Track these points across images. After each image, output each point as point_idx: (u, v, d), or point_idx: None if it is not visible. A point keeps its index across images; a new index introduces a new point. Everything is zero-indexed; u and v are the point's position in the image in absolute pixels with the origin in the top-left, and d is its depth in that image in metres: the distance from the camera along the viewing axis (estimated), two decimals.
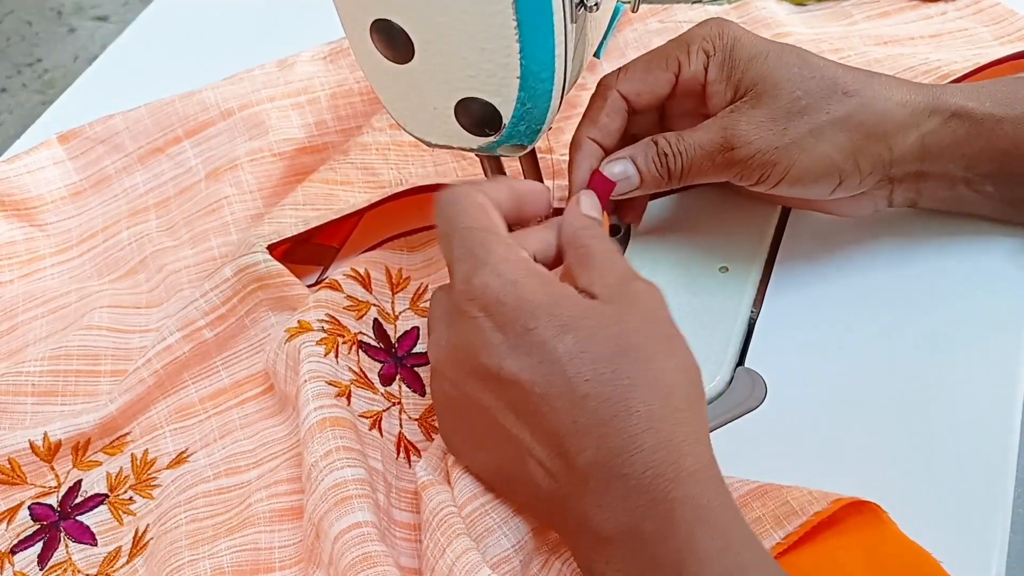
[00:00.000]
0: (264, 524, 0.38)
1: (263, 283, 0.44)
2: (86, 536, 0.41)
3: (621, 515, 0.28)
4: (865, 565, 0.32)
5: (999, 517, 0.33)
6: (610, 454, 0.28)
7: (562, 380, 0.29)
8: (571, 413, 0.29)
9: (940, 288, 0.40)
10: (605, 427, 0.28)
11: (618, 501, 0.28)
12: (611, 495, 0.28)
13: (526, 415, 0.30)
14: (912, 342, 0.39)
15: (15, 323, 0.49)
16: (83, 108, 0.58)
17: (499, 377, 0.30)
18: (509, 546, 0.34)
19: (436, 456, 0.37)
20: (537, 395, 0.29)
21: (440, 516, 0.34)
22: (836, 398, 0.38)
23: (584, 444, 0.29)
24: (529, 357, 0.30)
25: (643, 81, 0.39)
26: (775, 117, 0.37)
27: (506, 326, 0.30)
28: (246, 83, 0.56)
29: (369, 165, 0.50)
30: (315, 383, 0.38)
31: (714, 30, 0.39)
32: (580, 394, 0.29)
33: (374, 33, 0.35)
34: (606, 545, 0.28)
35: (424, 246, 0.47)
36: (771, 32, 0.51)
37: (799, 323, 0.41)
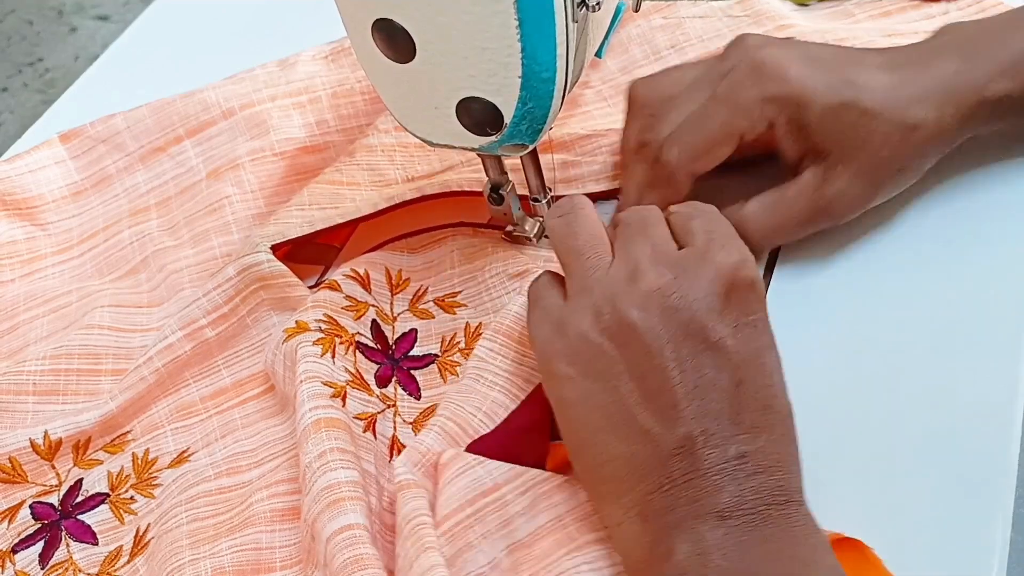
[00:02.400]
0: (265, 524, 0.38)
1: (265, 283, 0.44)
2: (87, 535, 0.41)
3: (754, 500, 0.30)
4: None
5: (999, 517, 0.33)
6: (770, 458, 0.31)
7: (759, 384, 0.32)
8: (753, 412, 0.31)
9: (941, 288, 0.40)
10: (773, 437, 0.31)
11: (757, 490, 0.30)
12: (750, 484, 0.30)
13: (708, 388, 0.31)
14: (913, 341, 0.39)
15: (16, 322, 0.49)
16: (84, 108, 0.58)
17: (714, 345, 0.31)
18: (484, 562, 0.34)
19: (418, 452, 0.36)
20: (736, 380, 0.31)
21: (412, 525, 0.33)
22: (836, 397, 0.38)
23: (750, 440, 0.31)
24: (746, 344, 0.32)
25: (706, 159, 0.40)
26: (863, 174, 0.39)
27: (741, 309, 0.32)
28: (247, 83, 0.56)
29: (375, 166, 0.50)
30: (311, 383, 0.38)
31: (771, 87, 0.38)
32: (766, 403, 0.31)
33: (375, 32, 0.35)
34: (725, 514, 0.30)
35: (424, 248, 0.47)
36: (774, 25, 0.51)
37: (799, 323, 0.41)
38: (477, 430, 0.37)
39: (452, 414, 0.37)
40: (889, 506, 0.34)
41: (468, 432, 0.37)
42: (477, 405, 0.37)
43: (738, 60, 0.39)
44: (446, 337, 0.44)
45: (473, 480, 0.35)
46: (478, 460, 0.36)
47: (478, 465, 0.35)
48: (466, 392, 0.38)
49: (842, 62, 0.39)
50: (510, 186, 0.43)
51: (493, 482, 0.35)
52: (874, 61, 0.40)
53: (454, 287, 0.45)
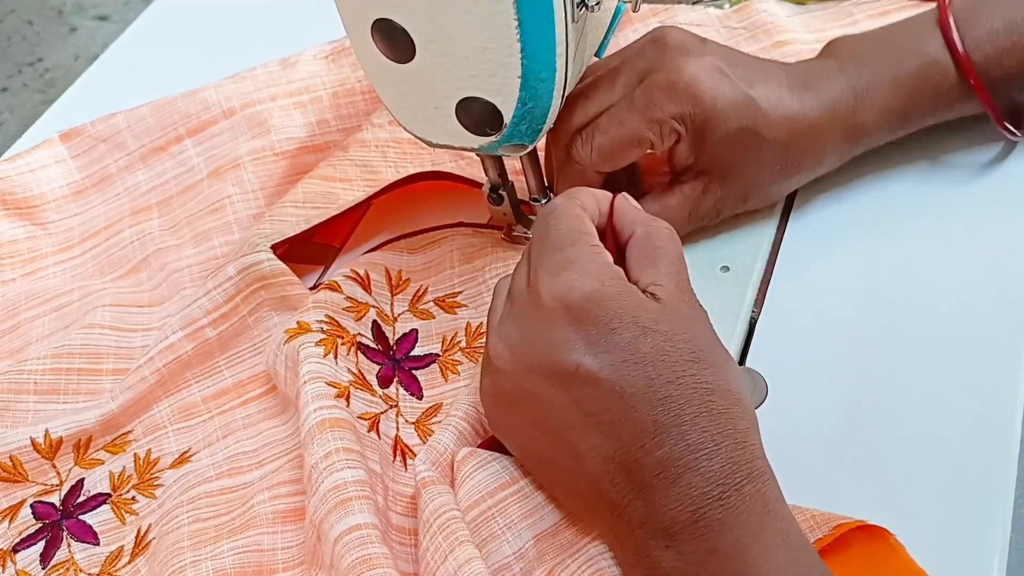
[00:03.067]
0: (267, 525, 0.38)
1: (266, 282, 0.44)
2: (88, 535, 0.41)
3: (688, 505, 0.29)
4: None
5: (999, 517, 0.33)
6: (687, 451, 0.29)
7: (644, 381, 0.30)
8: (652, 412, 0.30)
9: (941, 288, 0.40)
10: (685, 426, 0.30)
11: (687, 492, 0.29)
12: (681, 487, 0.29)
13: (597, 413, 0.31)
14: (913, 342, 0.39)
15: (17, 321, 0.49)
16: (84, 108, 0.58)
17: (574, 374, 0.31)
18: (510, 553, 0.34)
19: (436, 451, 0.37)
20: (616, 393, 0.30)
21: (443, 519, 0.34)
22: (837, 397, 0.38)
23: (662, 441, 0.30)
24: (610, 355, 0.31)
25: (614, 160, 0.41)
26: (741, 195, 0.43)
27: (588, 324, 0.31)
28: (248, 82, 0.56)
29: (368, 162, 0.50)
30: (315, 384, 0.38)
31: (684, 107, 0.39)
32: (660, 395, 0.30)
33: (375, 33, 0.35)
34: (668, 535, 0.29)
35: (424, 248, 0.47)
36: (771, 39, 0.51)
37: (800, 323, 0.41)
38: (489, 430, 0.37)
39: (464, 414, 0.38)
40: (889, 506, 0.34)
41: (480, 433, 0.38)
42: None
43: (656, 65, 0.40)
44: (447, 337, 0.44)
45: (491, 474, 0.35)
46: (494, 456, 0.36)
47: (494, 460, 0.36)
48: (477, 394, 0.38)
49: (749, 79, 0.41)
50: (510, 186, 0.43)
51: (511, 475, 0.35)
52: (777, 80, 0.41)
53: (454, 287, 0.45)
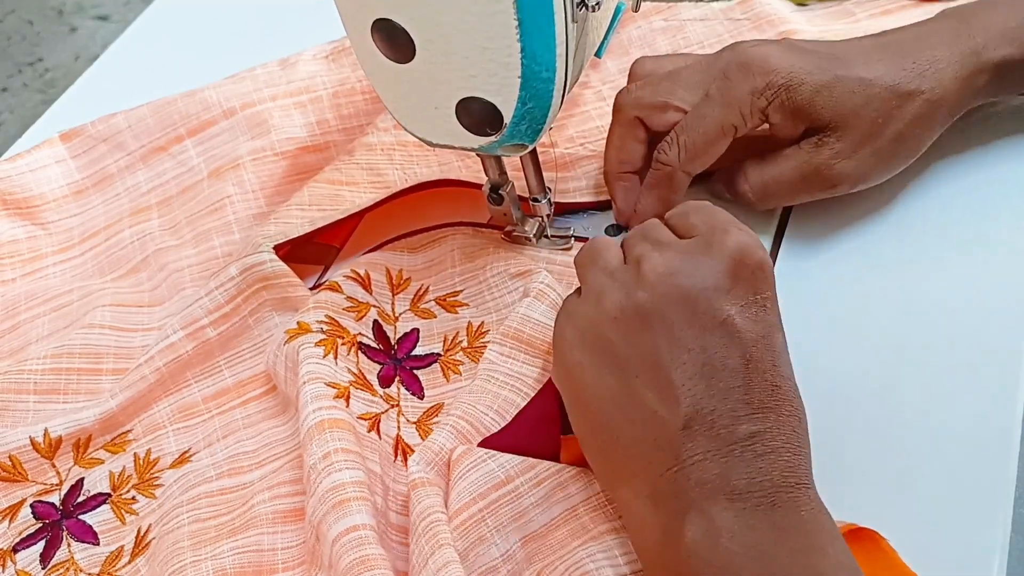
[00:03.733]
0: (267, 525, 0.38)
1: (268, 283, 0.44)
2: (88, 535, 0.41)
3: (765, 481, 0.30)
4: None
5: (999, 517, 0.33)
6: (779, 438, 0.31)
7: (768, 363, 0.32)
8: (761, 393, 0.31)
9: (941, 287, 0.40)
10: (783, 419, 0.31)
11: (768, 470, 0.30)
12: (763, 463, 0.30)
13: (717, 367, 0.31)
14: (912, 342, 0.39)
15: (17, 321, 0.49)
16: (84, 108, 0.58)
17: (720, 323, 0.31)
18: (497, 555, 0.34)
19: (431, 451, 0.37)
20: (743, 359, 0.31)
21: (427, 521, 0.34)
22: (837, 398, 0.38)
23: (760, 419, 0.31)
24: (756, 325, 0.32)
25: (704, 157, 0.41)
26: (861, 143, 0.40)
27: (751, 289, 0.32)
28: (248, 82, 0.56)
29: (374, 165, 0.50)
30: (314, 384, 0.38)
31: (759, 81, 0.39)
32: (774, 383, 0.31)
33: (375, 33, 0.35)
34: (734, 497, 0.30)
35: (425, 247, 0.47)
36: (776, 30, 0.51)
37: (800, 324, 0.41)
38: (489, 428, 0.37)
39: (464, 413, 0.38)
40: (889, 507, 0.34)
41: (480, 431, 0.37)
42: (488, 404, 0.38)
43: (729, 60, 0.41)
44: (448, 336, 0.44)
45: (485, 474, 0.35)
46: (489, 454, 0.36)
47: (490, 459, 0.36)
48: (477, 392, 0.38)
49: (830, 47, 0.40)
50: (510, 186, 0.43)
51: (505, 475, 0.35)
52: (864, 44, 0.41)
53: (455, 286, 0.45)
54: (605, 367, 0.33)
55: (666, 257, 0.33)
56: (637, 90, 0.43)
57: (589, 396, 0.34)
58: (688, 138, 0.41)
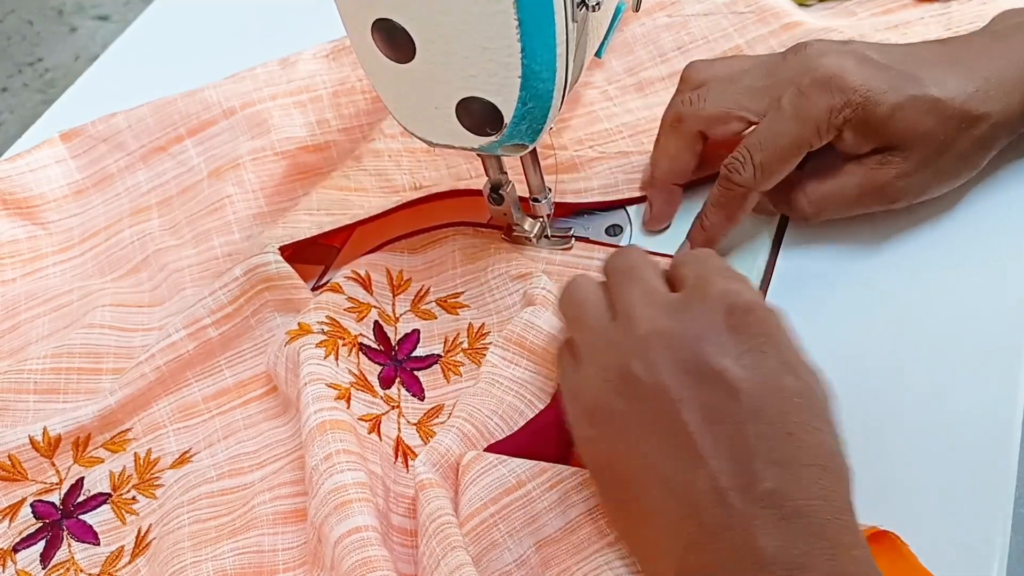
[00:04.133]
0: (267, 526, 0.38)
1: (271, 284, 0.44)
2: (89, 535, 0.41)
3: (795, 549, 0.27)
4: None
5: (999, 517, 0.33)
6: (799, 492, 0.28)
7: (776, 411, 0.29)
8: (772, 442, 0.29)
9: (941, 289, 0.40)
10: (802, 470, 0.29)
11: (795, 536, 0.28)
12: (786, 527, 0.28)
13: (721, 423, 0.29)
14: (912, 343, 0.39)
15: (17, 321, 0.49)
16: (84, 108, 0.58)
17: (717, 376, 0.30)
18: (511, 560, 0.34)
19: (437, 452, 0.37)
20: (748, 410, 0.29)
21: (438, 523, 0.34)
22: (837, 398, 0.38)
23: (775, 475, 0.28)
24: (756, 372, 0.30)
25: (779, 174, 0.40)
26: (926, 163, 0.39)
27: (745, 335, 0.31)
28: (248, 81, 0.56)
29: (382, 171, 0.50)
30: (315, 385, 0.38)
31: (837, 99, 0.38)
32: (784, 431, 0.29)
33: (375, 32, 0.35)
34: (767, 571, 0.27)
35: (425, 248, 0.47)
36: (780, 22, 0.51)
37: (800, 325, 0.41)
38: (493, 433, 0.37)
39: (469, 416, 0.38)
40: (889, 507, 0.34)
41: (484, 435, 0.37)
42: (493, 408, 0.38)
43: (800, 70, 0.39)
44: (448, 337, 0.44)
45: (496, 479, 0.35)
46: (500, 459, 0.36)
47: (500, 464, 0.35)
48: (481, 395, 0.38)
49: (902, 59, 0.39)
50: (510, 186, 0.43)
51: (517, 479, 0.35)
52: (934, 55, 0.40)
53: (456, 287, 0.45)
54: (618, 440, 0.32)
55: (654, 316, 0.32)
56: (699, 100, 0.41)
57: (607, 473, 0.33)
58: (763, 157, 0.39)
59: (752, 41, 0.51)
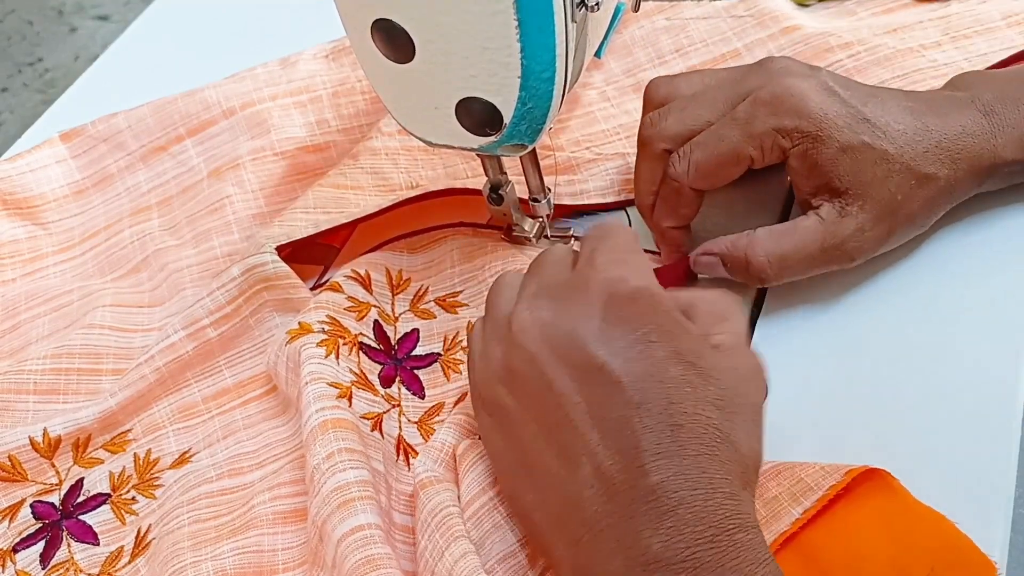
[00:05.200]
0: (267, 526, 0.38)
1: (269, 284, 0.44)
2: (88, 535, 0.41)
3: (678, 542, 0.27)
4: (882, 531, 0.32)
5: (999, 517, 0.33)
6: (684, 484, 0.28)
7: (662, 402, 0.29)
8: (658, 435, 0.28)
9: (941, 288, 0.40)
10: (687, 460, 0.28)
11: (678, 528, 0.27)
12: (672, 521, 0.27)
13: (605, 417, 0.29)
14: (913, 342, 0.39)
15: (17, 321, 0.49)
16: (84, 108, 0.58)
17: (598, 370, 0.29)
18: (515, 540, 0.34)
19: (435, 449, 0.37)
20: (632, 403, 0.29)
21: (439, 517, 0.34)
22: (837, 398, 0.38)
23: (660, 467, 0.28)
24: (638, 364, 0.29)
25: (714, 177, 0.39)
26: (880, 218, 0.38)
27: (627, 326, 0.30)
28: (248, 81, 0.56)
29: (379, 169, 0.50)
30: (316, 384, 0.38)
31: (788, 121, 0.37)
32: (674, 422, 0.28)
33: (375, 32, 0.35)
34: (650, 566, 0.27)
35: (425, 248, 0.47)
36: (779, 26, 0.51)
37: (800, 324, 0.41)
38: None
39: (462, 408, 0.38)
40: None
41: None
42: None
43: (759, 84, 0.39)
44: (448, 336, 0.44)
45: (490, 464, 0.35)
46: None
47: None
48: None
49: (863, 100, 0.39)
50: (510, 186, 0.43)
51: None
52: (896, 103, 0.39)
53: (455, 286, 0.45)
54: (506, 433, 0.32)
55: (535, 309, 0.32)
56: (661, 120, 0.41)
57: (500, 464, 0.33)
58: (701, 156, 0.39)
59: (751, 45, 0.51)
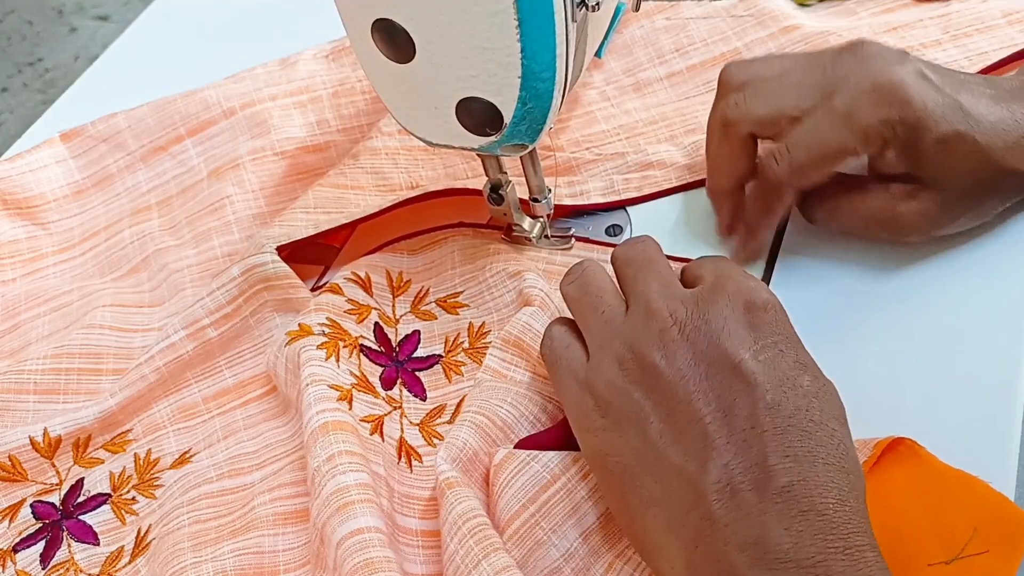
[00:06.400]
0: (268, 527, 0.38)
1: (269, 284, 0.44)
2: (89, 536, 0.41)
3: (810, 544, 0.27)
4: (919, 498, 0.33)
5: None
6: (814, 490, 0.28)
7: (793, 407, 0.29)
8: (790, 438, 0.29)
9: (941, 288, 0.40)
10: (818, 467, 0.28)
11: (810, 532, 0.27)
12: (803, 524, 0.27)
13: (737, 415, 0.29)
14: (912, 342, 0.39)
15: (17, 321, 0.50)
16: (84, 108, 0.58)
17: (735, 368, 0.30)
18: (557, 556, 0.34)
19: (455, 447, 0.36)
20: (766, 403, 0.29)
21: (472, 524, 0.33)
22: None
23: (789, 471, 0.28)
24: (772, 368, 0.30)
25: (816, 176, 0.39)
26: (948, 202, 0.38)
27: (761, 331, 0.31)
28: (248, 82, 0.56)
29: (379, 169, 0.50)
30: (317, 387, 0.38)
31: (893, 112, 0.37)
32: (804, 428, 0.29)
33: (375, 33, 0.35)
34: (778, 564, 0.27)
35: (425, 249, 0.47)
36: (779, 25, 0.51)
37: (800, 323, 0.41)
38: (505, 420, 0.37)
39: (479, 408, 0.37)
40: None
41: (496, 423, 0.37)
42: (502, 398, 0.38)
43: (856, 73, 0.38)
44: (449, 337, 0.44)
45: (531, 477, 0.35)
46: (532, 455, 0.35)
47: (532, 461, 0.35)
48: (489, 389, 0.38)
49: (954, 86, 0.38)
50: (510, 186, 0.43)
51: (551, 474, 0.35)
52: (983, 90, 0.38)
53: (455, 287, 0.45)
54: (627, 429, 0.32)
55: (671, 306, 0.32)
56: (745, 102, 0.40)
57: (614, 461, 0.32)
58: (802, 156, 0.38)
59: (750, 44, 0.51)
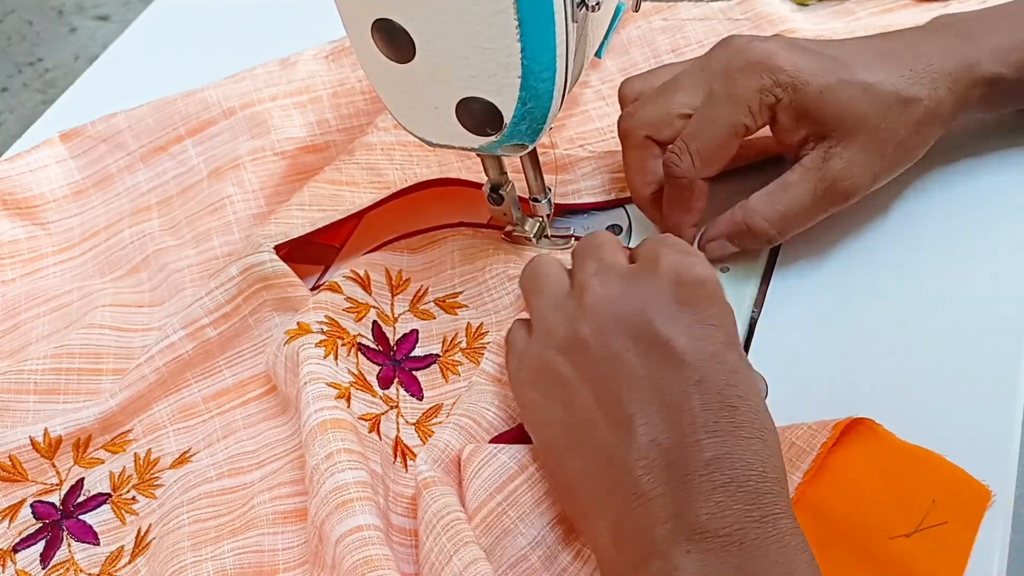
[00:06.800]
0: (267, 526, 0.38)
1: (268, 283, 0.44)
2: (89, 535, 0.41)
3: (727, 517, 0.28)
4: (879, 475, 0.33)
5: (999, 517, 0.33)
6: (738, 462, 0.29)
7: (721, 383, 0.30)
8: (716, 413, 0.29)
9: (941, 287, 0.40)
10: (742, 441, 0.29)
11: (728, 503, 0.28)
12: (723, 496, 0.28)
13: (665, 391, 0.30)
14: (912, 341, 0.39)
15: (17, 321, 0.50)
16: (84, 108, 0.58)
17: (663, 346, 0.31)
18: (525, 544, 0.34)
19: (437, 449, 0.37)
20: (694, 381, 0.30)
21: (447, 520, 0.34)
22: (837, 397, 0.38)
23: (715, 444, 0.29)
24: (702, 344, 0.31)
25: (718, 160, 0.40)
26: (868, 150, 0.39)
27: (692, 307, 0.31)
28: (248, 82, 0.56)
29: (374, 165, 0.50)
30: (315, 385, 0.38)
31: (766, 79, 0.38)
32: (730, 404, 0.30)
33: (375, 32, 0.35)
34: (694, 540, 0.28)
35: (424, 248, 0.47)
36: (775, 29, 0.51)
37: (800, 323, 0.41)
38: (491, 423, 0.37)
39: (465, 411, 0.38)
40: None
41: (482, 425, 0.37)
42: (490, 400, 0.38)
43: (728, 58, 0.40)
44: (447, 337, 0.44)
45: (498, 468, 0.35)
46: (499, 448, 0.36)
47: (500, 452, 0.36)
48: (479, 392, 0.39)
49: (828, 49, 0.40)
50: (510, 186, 0.43)
51: (519, 464, 0.35)
52: (862, 46, 0.40)
53: (454, 287, 0.45)
54: (559, 403, 0.33)
55: (606, 284, 0.33)
56: (637, 110, 0.42)
57: (547, 434, 0.34)
58: (699, 144, 0.40)
59: None
